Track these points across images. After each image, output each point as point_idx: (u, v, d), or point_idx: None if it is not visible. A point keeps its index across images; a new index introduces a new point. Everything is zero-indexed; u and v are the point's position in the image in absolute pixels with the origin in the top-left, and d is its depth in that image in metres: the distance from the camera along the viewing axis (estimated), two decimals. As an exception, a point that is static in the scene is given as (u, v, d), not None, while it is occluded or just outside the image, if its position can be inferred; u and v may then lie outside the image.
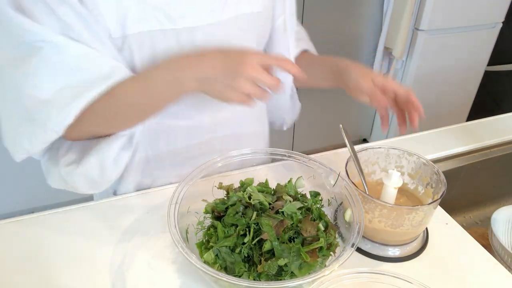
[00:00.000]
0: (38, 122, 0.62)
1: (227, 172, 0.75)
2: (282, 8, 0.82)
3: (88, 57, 0.62)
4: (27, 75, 0.60)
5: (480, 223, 1.07)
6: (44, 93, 0.60)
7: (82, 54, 0.61)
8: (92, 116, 0.64)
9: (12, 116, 0.65)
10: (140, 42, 0.66)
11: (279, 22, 0.83)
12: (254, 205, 0.65)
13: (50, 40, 0.59)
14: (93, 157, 0.69)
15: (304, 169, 0.73)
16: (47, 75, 0.60)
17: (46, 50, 0.59)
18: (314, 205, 0.68)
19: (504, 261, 0.77)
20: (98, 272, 0.66)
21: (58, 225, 0.74)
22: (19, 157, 0.69)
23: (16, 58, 0.60)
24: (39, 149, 0.67)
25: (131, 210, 0.78)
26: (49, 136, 0.64)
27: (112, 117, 0.68)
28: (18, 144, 0.66)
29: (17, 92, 0.61)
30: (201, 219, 0.67)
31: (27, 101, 0.61)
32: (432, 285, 0.55)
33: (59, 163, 0.70)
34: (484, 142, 1.03)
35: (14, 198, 1.96)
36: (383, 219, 0.67)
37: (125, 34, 0.64)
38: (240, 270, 0.59)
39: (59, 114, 0.61)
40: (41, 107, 0.61)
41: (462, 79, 2.25)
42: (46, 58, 0.59)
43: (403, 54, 2.09)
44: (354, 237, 0.60)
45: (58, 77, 0.61)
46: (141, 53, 0.67)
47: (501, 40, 2.20)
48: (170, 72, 0.63)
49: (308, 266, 0.59)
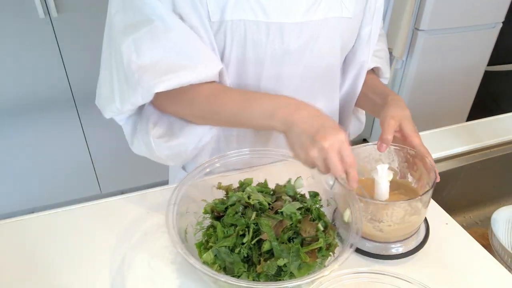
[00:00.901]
0: (131, 83, 0.68)
1: (226, 172, 0.75)
2: (370, 18, 0.84)
3: (189, 41, 0.68)
4: (133, 41, 0.67)
5: (480, 223, 1.07)
6: (143, 59, 0.67)
7: (184, 36, 0.68)
8: (184, 99, 0.71)
9: (112, 76, 0.72)
10: (233, 30, 0.70)
11: (365, 31, 0.84)
12: (253, 205, 0.65)
13: (162, 16, 0.66)
14: (180, 136, 0.76)
15: (303, 169, 0.73)
16: (149, 45, 0.67)
17: (156, 24, 0.66)
18: (313, 205, 0.68)
19: (504, 261, 0.77)
20: (97, 272, 0.66)
21: (58, 225, 0.74)
22: (109, 114, 0.76)
23: (130, 25, 0.68)
24: (127, 109, 0.72)
25: (131, 210, 0.78)
26: (137, 99, 0.69)
27: (200, 112, 0.73)
28: (110, 102, 0.73)
29: (121, 54, 0.68)
30: (200, 219, 0.67)
31: (127, 63, 0.67)
32: (432, 285, 0.55)
33: (150, 134, 0.76)
34: (484, 142, 1.03)
35: (14, 198, 1.96)
36: (366, 214, 0.66)
37: (222, 20, 0.69)
38: (239, 270, 0.59)
39: (150, 80, 0.66)
40: (137, 71, 0.67)
41: (462, 79, 2.25)
42: (153, 31, 0.66)
43: (403, 54, 2.08)
44: (352, 237, 0.60)
45: (158, 50, 0.67)
46: (232, 40, 0.71)
47: (501, 40, 2.20)
48: (270, 105, 0.66)
49: (307, 267, 0.59)
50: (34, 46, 1.64)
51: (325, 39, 0.77)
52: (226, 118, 0.72)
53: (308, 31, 0.74)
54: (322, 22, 0.75)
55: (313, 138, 0.61)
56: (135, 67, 0.67)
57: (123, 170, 2.04)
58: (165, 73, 0.66)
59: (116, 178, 2.10)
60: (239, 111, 0.69)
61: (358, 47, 0.86)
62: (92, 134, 1.92)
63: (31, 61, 1.67)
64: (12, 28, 1.58)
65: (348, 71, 0.90)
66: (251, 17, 0.70)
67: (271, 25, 0.71)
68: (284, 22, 0.72)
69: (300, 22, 0.73)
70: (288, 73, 0.78)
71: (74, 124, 1.86)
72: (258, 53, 0.73)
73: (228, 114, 0.71)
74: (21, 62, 1.66)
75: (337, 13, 0.76)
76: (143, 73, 0.67)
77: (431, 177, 0.68)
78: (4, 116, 1.75)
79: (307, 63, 0.78)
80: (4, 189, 1.92)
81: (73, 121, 1.85)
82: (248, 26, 0.70)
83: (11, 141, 1.81)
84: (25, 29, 1.60)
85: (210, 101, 0.71)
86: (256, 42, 0.72)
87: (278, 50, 0.74)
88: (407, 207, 0.65)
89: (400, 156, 0.76)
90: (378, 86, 0.89)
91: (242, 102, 0.69)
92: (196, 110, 0.73)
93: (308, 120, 0.63)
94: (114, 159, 2.01)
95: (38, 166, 1.90)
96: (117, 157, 1.99)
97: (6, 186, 1.91)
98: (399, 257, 0.69)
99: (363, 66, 0.88)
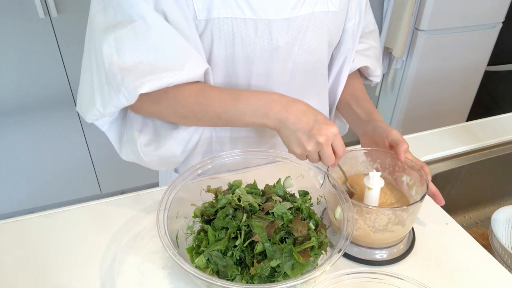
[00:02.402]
0: (113, 86, 0.66)
1: (214, 174, 0.75)
2: (355, 12, 0.84)
3: (172, 40, 0.66)
4: (114, 41, 0.65)
5: (480, 223, 1.07)
6: (125, 60, 0.65)
7: (167, 35, 0.66)
8: (168, 100, 0.70)
9: (92, 78, 0.69)
10: (221, 27, 0.70)
11: (350, 25, 0.85)
12: (244, 207, 0.65)
13: (144, 15, 0.64)
14: (166, 142, 0.76)
15: (292, 169, 0.73)
16: (132, 45, 0.65)
17: (138, 23, 0.65)
18: (304, 204, 0.68)
19: (504, 261, 0.77)
20: (98, 272, 0.66)
21: (58, 225, 0.74)
22: (90, 118, 0.73)
23: (111, 25, 0.66)
24: (109, 112, 0.70)
25: (131, 210, 0.78)
26: (120, 101, 0.67)
27: (184, 112, 0.72)
28: (91, 105, 0.71)
29: (101, 55, 0.66)
30: (190, 224, 0.67)
31: (108, 64, 0.65)
32: (432, 285, 0.55)
33: (137, 143, 0.76)
34: (484, 142, 1.03)
35: (14, 198, 1.96)
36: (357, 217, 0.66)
37: (209, 18, 0.69)
38: (232, 273, 0.59)
39: (133, 82, 0.65)
40: (119, 72, 0.65)
41: (462, 79, 2.25)
42: (135, 31, 0.65)
43: (403, 54, 2.08)
44: (345, 234, 0.60)
45: (141, 50, 0.65)
46: (220, 38, 0.71)
47: (501, 40, 2.20)
48: (261, 102, 0.68)
49: (300, 266, 0.59)
50: (34, 46, 1.64)
51: (313, 34, 0.77)
52: (212, 117, 0.71)
53: (296, 27, 0.74)
54: (310, 17, 0.75)
55: (309, 133, 0.64)
56: (117, 68, 0.65)
57: (123, 170, 2.04)
58: (148, 73, 0.65)
59: (116, 178, 2.10)
60: (227, 109, 0.69)
61: (343, 41, 0.86)
62: (92, 134, 1.92)
63: (31, 61, 1.67)
64: (12, 28, 1.58)
65: (332, 66, 0.90)
66: (238, 15, 0.70)
67: (259, 22, 0.71)
68: (272, 18, 0.72)
69: (288, 18, 0.73)
70: (278, 70, 0.78)
71: (74, 124, 1.86)
72: (247, 50, 0.73)
73: (215, 113, 0.70)
74: (21, 62, 1.66)
75: (323, 7, 0.76)
76: (126, 75, 0.65)
77: (423, 190, 0.68)
78: (4, 116, 1.75)
79: (296, 58, 0.78)
80: (4, 189, 1.92)
81: (73, 121, 1.85)
82: (236, 24, 0.70)
83: (11, 141, 1.81)
84: (25, 29, 1.60)
85: (195, 101, 0.70)
86: (245, 39, 0.72)
87: (267, 46, 0.74)
88: (391, 215, 0.64)
89: (398, 165, 0.75)
90: (363, 100, 0.90)
91: (230, 100, 0.69)
92: (179, 110, 0.72)
93: (301, 116, 0.65)
94: (114, 159, 2.00)
95: (38, 166, 1.90)
96: (117, 157, 1.98)
97: (6, 186, 1.91)
98: (383, 264, 0.68)
99: (346, 60, 0.88)
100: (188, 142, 0.79)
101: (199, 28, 0.70)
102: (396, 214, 0.64)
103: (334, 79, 0.92)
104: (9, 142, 1.81)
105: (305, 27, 0.75)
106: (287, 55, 0.77)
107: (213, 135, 0.83)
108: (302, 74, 0.81)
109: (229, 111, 0.69)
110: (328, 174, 0.68)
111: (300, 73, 0.81)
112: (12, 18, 1.56)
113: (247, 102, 0.68)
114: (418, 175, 0.70)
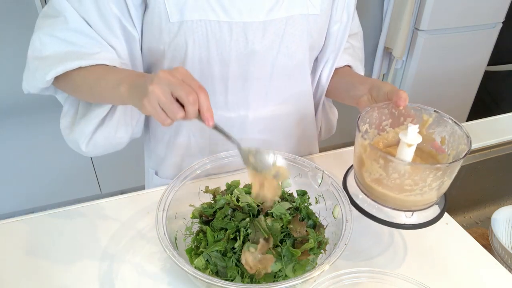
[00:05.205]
0: (31, 71, 0.73)
1: (212, 175, 0.75)
2: (340, 15, 0.82)
3: (83, 34, 0.70)
4: (39, 31, 0.71)
5: (480, 223, 1.07)
6: (45, 50, 0.70)
7: (80, 31, 0.70)
8: (69, 83, 0.73)
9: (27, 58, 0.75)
10: (194, 30, 0.70)
11: (334, 28, 0.83)
12: (242, 208, 0.64)
13: (63, 12, 0.69)
14: (76, 128, 0.80)
15: (290, 169, 0.73)
16: (52, 37, 0.70)
17: (59, 18, 0.69)
18: (302, 204, 0.68)
19: (504, 261, 0.77)
20: (98, 272, 0.66)
21: (58, 225, 0.74)
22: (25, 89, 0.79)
23: (45, 16, 0.72)
24: (34, 91, 0.76)
25: (131, 210, 0.78)
26: (37, 84, 0.73)
27: (77, 91, 0.75)
28: (23, 81, 0.77)
29: (33, 40, 0.72)
30: (188, 225, 0.67)
31: (30, 50, 0.72)
32: (432, 285, 0.55)
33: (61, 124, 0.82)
34: (484, 142, 1.03)
35: (14, 198, 1.96)
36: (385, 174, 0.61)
37: (182, 20, 0.69)
38: (232, 274, 0.59)
39: (42, 70, 0.70)
40: (35, 60, 0.71)
41: (462, 79, 2.25)
42: (55, 24, 0.70)
43: (403, 54, 2.08)
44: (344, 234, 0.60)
45: (59, 41, 0.70)
46: (194, 41, 0.71)
47: (501, 40, 2.20)
48: (127, 73, 0.67)
49: (301, 267, 0.59)
50: (34, 46, 1.64)
51: (291, 37, 0.76)
52: (86, 90, 0.71)
53: (273, 30, 0.73)
54: (288, 20, 0.74)
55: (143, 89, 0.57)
56: (34, 57, 0.71)
57: (123, 170, 2.04)
58: (58, 63, 0.68)
59: (116, 178, 2.10)
60: (97, 81, 0.68)
61: (328, 44, 0.84)
62: (92, 134, 1.92)
63: (31, 61, 1.66)
64: (12, 28, 1.58)
65: (316, 69, 0.88)
66: (212, 17, 0.69)
67: (233, 25, 0.70)
68: (247, 21, 0.71)
69: (264, 21, 0.72)
70: (256, 73, 0.77)
71: (74, 124, 1.86)
72: (222, 53, 0.72)
73: (88, 84, 0.70)
74: (21, 62, 1.65)
75: (303, 10, 0.74)
76: (39, 64, 0.70)
77: (464, 148, 0.62)
78: (4, 116, 1.75)
79: (276, 62, 0.77)
80: (4, 189, 1.92)
81: (73, 121, 1.85)
82: (210, 27, 0.70)
83: (11, 141, 1.81)
84: (25, 29, 1.60)
85: (83, 79, 0.70)
86: (219, 42, 0.71)
87: (243, 49, 0.73)
88: (429, 173, 0.58)
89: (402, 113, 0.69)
90: (353, 72, 0.89)
91: (103, 73, 0.68)
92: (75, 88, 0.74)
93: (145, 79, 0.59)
94: (114, 159, 2.01)
95: (38, 166, 1.90)
96: (117, 157, 1.98)
97: (6, 186, 1.91)
98: (408, 227, 0.64)
99: (332, 64, 0.87)
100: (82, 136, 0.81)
101: (173, 30, 0.70)
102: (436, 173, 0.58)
103: (318, 82, 0.90)
104: (9, 142, 1.81)
105: (282, 30, 0.74)
106: (265, 59, 0.75)
107: (191, 140, 0.83)
108: (282, 78, 0.80)
109: (98, 82, 0.68)
110: (326, 173, 0.68)
111: (280, 77, 0.79)
112: (12, 18, 1.56)
113: (115, 73, 0.67)
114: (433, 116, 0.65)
